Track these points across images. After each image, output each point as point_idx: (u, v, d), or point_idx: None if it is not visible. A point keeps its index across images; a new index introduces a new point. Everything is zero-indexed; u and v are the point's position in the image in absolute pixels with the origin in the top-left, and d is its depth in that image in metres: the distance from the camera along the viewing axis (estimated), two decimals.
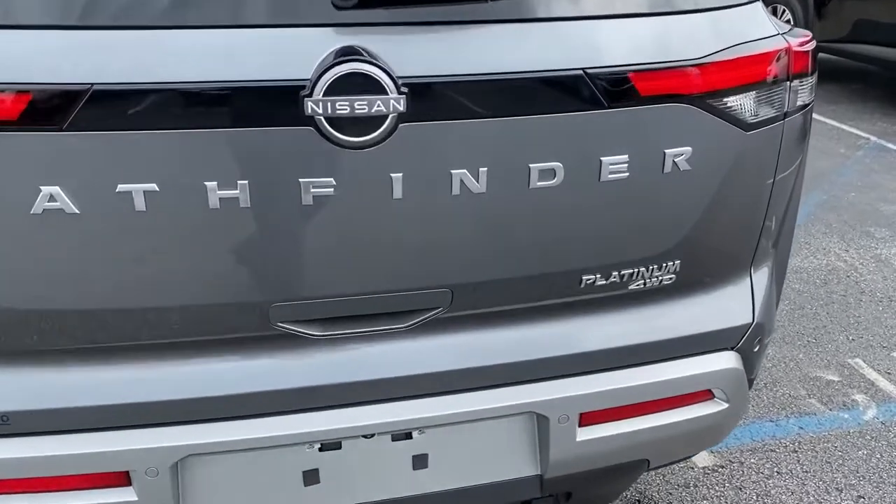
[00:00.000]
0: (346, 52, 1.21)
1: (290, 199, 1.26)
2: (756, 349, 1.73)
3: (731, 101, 1.43)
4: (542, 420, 1.53)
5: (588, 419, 1.56)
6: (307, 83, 1.19)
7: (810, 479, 2.55)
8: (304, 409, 1.43)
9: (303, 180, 1.25)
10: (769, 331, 1.77)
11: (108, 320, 1.30)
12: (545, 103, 1.32)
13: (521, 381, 1.50)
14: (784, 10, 7.30)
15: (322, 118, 1.21)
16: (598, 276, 1.49)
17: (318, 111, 1.20)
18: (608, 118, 1.35)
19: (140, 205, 1.21)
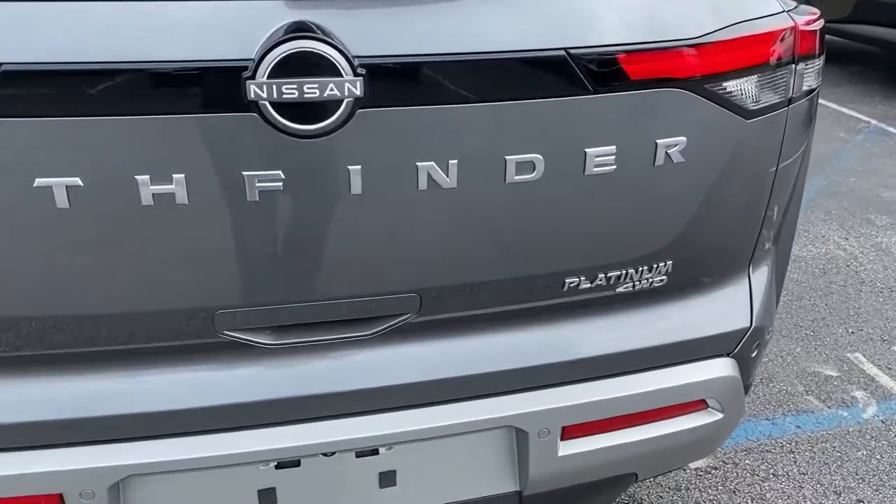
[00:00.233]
0: (295, 29, 1.06)
1: (232, 195, 1.12)
2: (754, 354, 1.60)
3: (730, 85, 1.29)
4: (521, 434, 1.40)
5: (571, 432, 1.43)
6: (249, 63, 1.05)
7: (807, 481, 2.44)
8: (257, 424, 1.30)
9: (247, 173, 1.10)
10: (768, 333, 1.64)
11: (30, 328, 1.17)
12: (523, 88, 1.17)
13: (497, 393, 1.37)
14: None
15: (267, 103, 1.06)
16: (583, 278, 1.35)
17: (263, 95, 1.05)
18: (594, 105, 1.21)
19: (62, 201, 1.07)
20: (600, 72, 1.19)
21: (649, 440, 1.48)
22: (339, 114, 1.09)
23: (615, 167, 1.25)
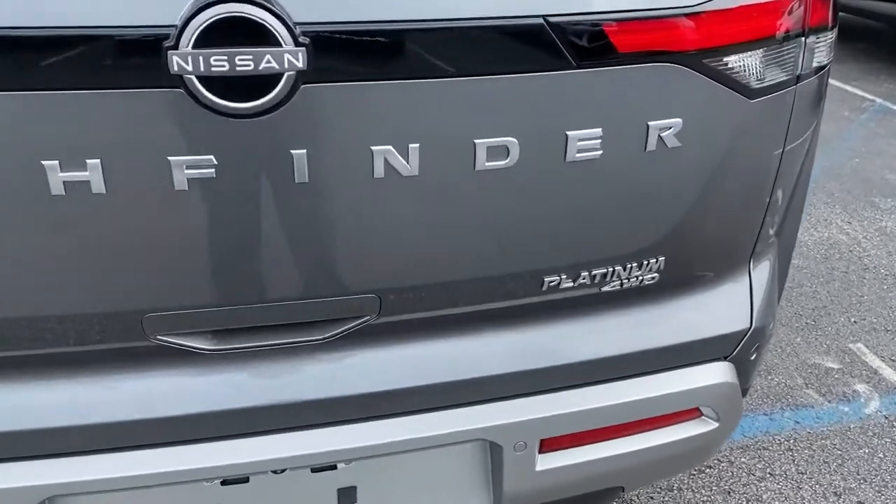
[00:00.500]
0: None
1: (157, 184, 0.97)
2: (753, 357, 1.46)
3: (731, 60, 1.14)
4: (495, 448, 1.27)
5: (550, 445, 1.29)
6: (171, 31, 0.90)
7: (806, 481, 2.32)
8: (198, 438, 1.16)
9: (173, 158, 0.96)
10: (769, 334, 1.50)
11: None
12: (495, 61, 1.02)
13: (468, 403, 1.23)
14: None
15: (193, 78, 0.91)
16: (564, 276, 1.21)
17: (188, 68, 0.90)
18: (576, 82, 1.06)
19: None
20: (584, 44, 1.04)
21: (637, 452, 1.35)
22: (278, 90, 0.94)
23: (601, 153, 1.10)
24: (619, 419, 1.31)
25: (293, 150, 0.98)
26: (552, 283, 1.21)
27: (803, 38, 1.24)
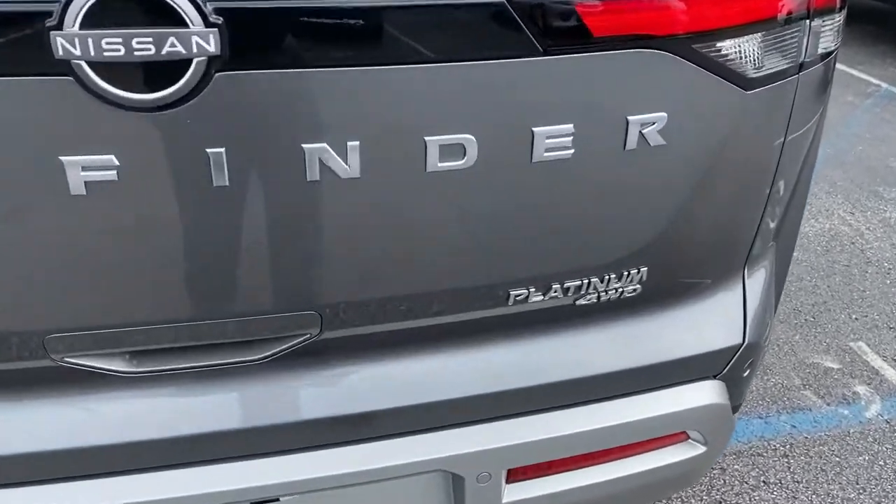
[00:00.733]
0: None
1: (49, 188, 0.83)
2: (746, 374, 1.32)
3: (725, 46, 0.99)
4: (457, 480, 1.13)
5: (518, 475, 1.16)
6: (54, 8, 0.75)
7: (802, 490, 2.19)
8: (115, 471, 1.03)
9: (66, 159, 0.81)
10: (764, 347, 1.37)
11: None
12: (449, 47, 0.88)
13: (425, 430, 1.10)
14: None
15: (83, 63, 0.77)
16: (532, 289, 1.07)
17: (75, 52, 0.76)
18: (544, 70, 0.91)
19: None
20: (553, 27, 0.90)
21: (615, 481, 1.22)
22: (186, 79, 0.79)
23: (573, 151, 0.96)
24: (596, 446, 1.18)
25: (209, 149, 0.84)
26: (519, 297, 1.07)
27: (807, 21, 1.09)
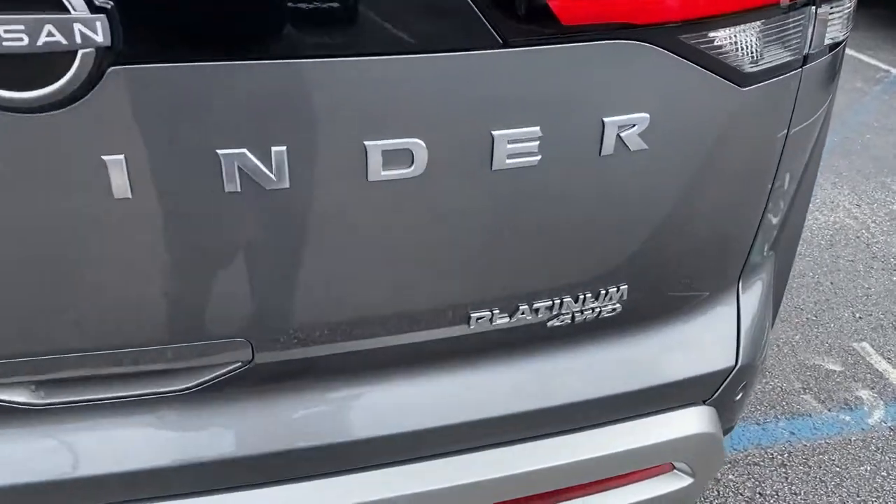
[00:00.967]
0: None
1: None
2: (738, 397, 1.20)
3: (718, 37, 0.86)
4: None
5: None
6: None
7: None
8: None
9: None
10: (760, 367, 1.24)
11: None
12: (390, 36, 0.75)
13: (370, 467, 0.98)
14: None
15: None
16: (497, 311, 0.95)
17: None
18: (505, 65, 0.79)
19: None
20: (514, 13, 0.76)
21: None
22: (72, 74, 0.67)
23: (539, 158, 0.83)
24: (567, 481, 1.06)
25: (106, 157, 0.72)
26: (482, 319, 0.95)
27: (813, 8, 0.96)
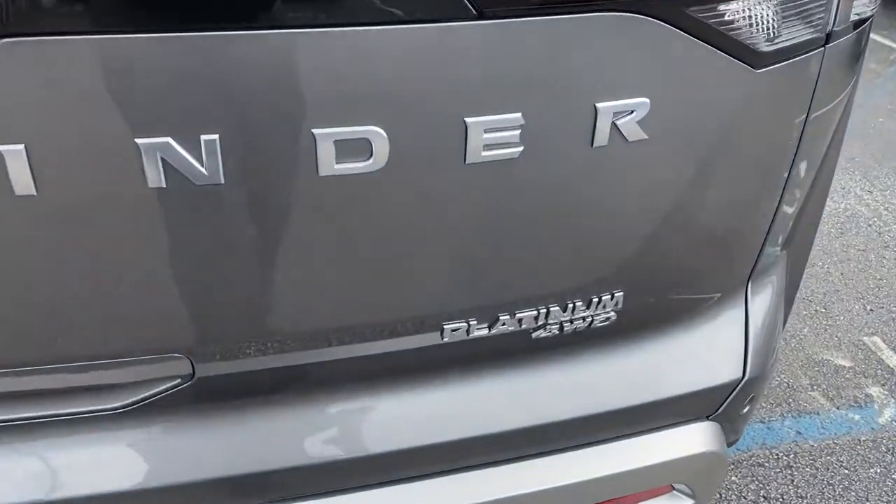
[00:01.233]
0: None
1: None
2: (745, 410, 1.09)
3: (730, 11, 0.74)
4: None
5: None
6: None
7: None
8: None
9: None
10: (769, 377, 1.13)
11: None
12: (344, 4, 0.63)
13: (327, 493, 0.87)
14: None
15: None
16: (474, 322, 0.84)
17: None
18: (480, 41, 0.67)
19: None
20: None
21: None
22: None
23: (521, 150, 0.72)
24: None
25: (5, 147, 0.60)
26: (456, 331, 0.84)
27: None
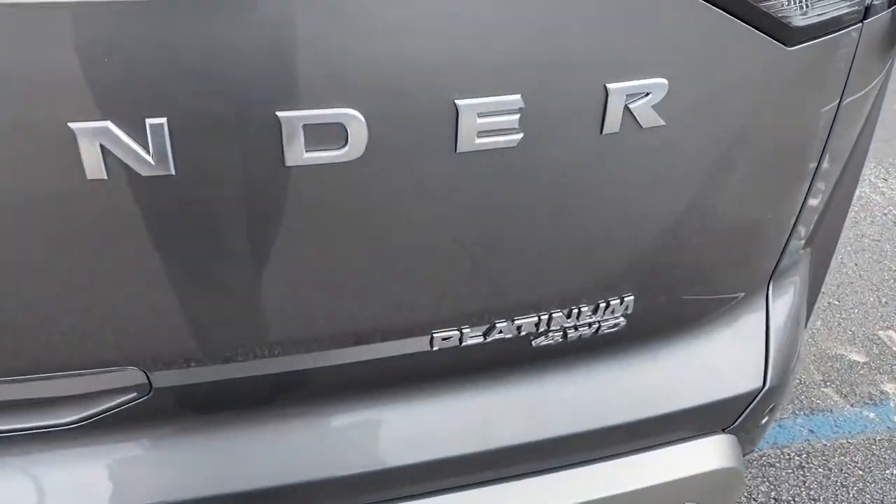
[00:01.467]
0: None
1: None
2: (765, 421, 1.01)
3: None
4: None
5: None
6: None
7: None
8: None
9: None
10: (789, 385, 1.04)
11: None
12: None
13: None
14: None
15: None
16: (467, 329, 0.75)
17: None
18: (472, 10, 0.57)
19: None
20: None
21: None
22: None
23: (520, 137, 0.62)
24: None
25: None
26: (447, 339, 0.75)
27: None
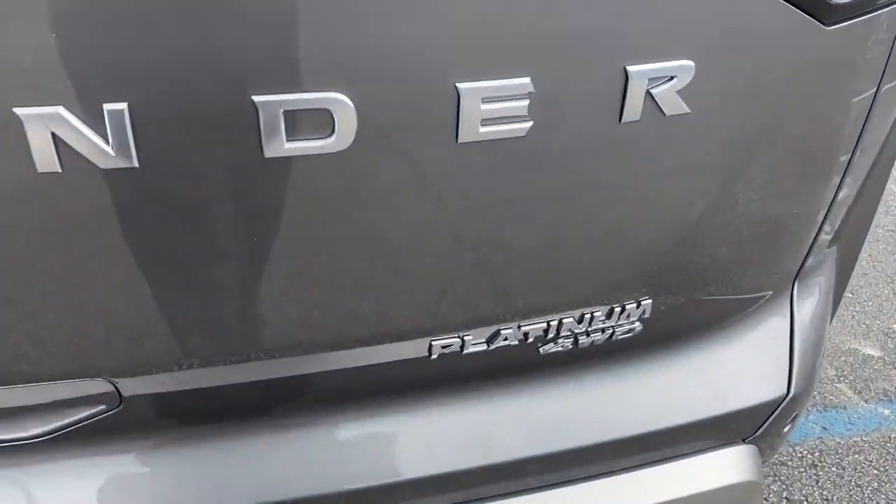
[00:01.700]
0: None
1: None
2: (786, 429, 0.94)
3: None
4: None
5: None
6: None
7: None
8: None
9: None
10: (812, 391, 0.98)
11: None
12: None
13: None
14: None
15: None
16: (469, 337, 0.68)
17: None
18: None
19: None
20: None
21: None
22: None
23: (530, 125, 0.56)
24: None
25: None
26: (447, 346, 0.68)
27: None
